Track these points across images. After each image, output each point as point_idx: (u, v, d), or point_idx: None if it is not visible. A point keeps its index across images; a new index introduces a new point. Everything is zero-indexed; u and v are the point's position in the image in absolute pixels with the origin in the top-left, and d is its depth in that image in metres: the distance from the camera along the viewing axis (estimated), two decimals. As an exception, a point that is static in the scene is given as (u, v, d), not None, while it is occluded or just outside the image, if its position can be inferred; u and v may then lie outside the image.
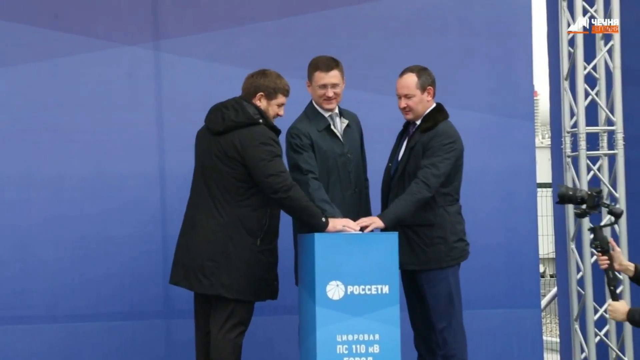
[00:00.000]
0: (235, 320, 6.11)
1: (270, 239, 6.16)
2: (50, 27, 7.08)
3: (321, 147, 6.35)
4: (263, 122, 6.13)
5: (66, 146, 7.03)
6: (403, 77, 6.42)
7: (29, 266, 6.99)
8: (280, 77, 6.26)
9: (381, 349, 6.01)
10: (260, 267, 6.11)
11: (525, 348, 7.49)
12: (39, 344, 6.98)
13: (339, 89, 6.41)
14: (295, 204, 6.05)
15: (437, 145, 6.28)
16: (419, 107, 6.40)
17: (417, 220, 6.31)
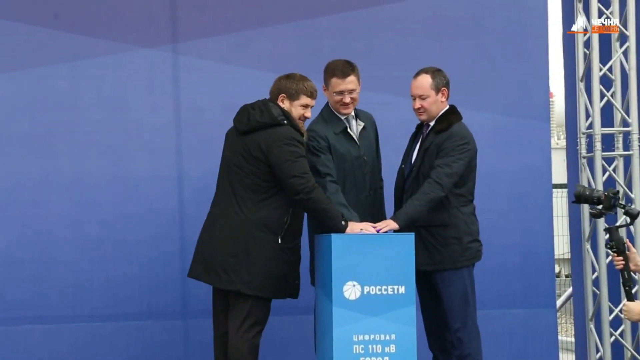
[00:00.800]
0: (253, 319, 6.14)
1: (292, 238, 6.20)
2: (69, 30, 7.12)
3: (338, 149, 6.39)
4: (287, 123, 6.18)
5: (84, 148, 7.07)
6: (417, 78, 6.46)
7: (48, 267, 7.04)
8: (305, 79, 6.31)
9: (397, 349, 6.04)
10: (281, 265, 6.15)
11: (541, 348, 7.50)
12: (58, 344, 7.02)
13: (356, 94, 6.44)
14: (317, 206, 6.11)
15: (450, 146, 6.31)
16: (433, 107, 6.43)
17: (432, 221, 6.35)
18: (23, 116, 7.08)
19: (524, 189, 7.55)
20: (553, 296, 7.65)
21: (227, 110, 6.97)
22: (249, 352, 6.14)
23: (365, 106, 6.71)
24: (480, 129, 7.34)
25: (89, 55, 7.13)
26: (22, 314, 7.00)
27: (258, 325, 6.18)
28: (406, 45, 7.45)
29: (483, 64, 7.55)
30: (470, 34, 7.55)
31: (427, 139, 6.42)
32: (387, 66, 7.39)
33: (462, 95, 7.42)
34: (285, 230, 6.16)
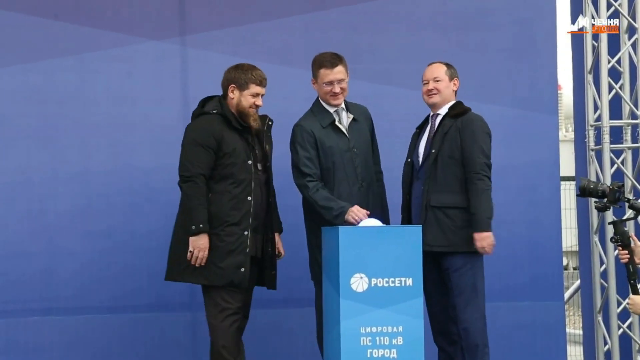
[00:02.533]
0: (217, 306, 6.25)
1: (217, 223, 6.23)
2: (77, 23, 7.14)
3: (325, 143, 6.43)
4: (217, 113, 6.29)
5: (92, 140, 7.09)
6: (433, 65, 6.58)
7: (57, 259, 7.06)
8: (253, 68, 6.38)
9: (405, 341, 6.05)
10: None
11: (549, 340, 7.50)
12: (67, 336, 7.04)
13: (345, 84, 6.49)
14: (183, 197, 6.27)
15: (478, 129, 6.40)
16: (446, 92, 6.50)
17: (449, 202, 6.39)
18: (31, 109, 7.10)
19: (531, 181, 7.54)
20: (561, 289, 7.65)
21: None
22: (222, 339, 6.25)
23: (372, 99, 6.73)
24: (488, 121, 7.30)
25: (97, 48, 7.14)
26: (31, 306, 7.02)
27: (225, 310, 6.24)
28: (414, 39, 7.45)
29: (491, 57, 7.54)
30: (478, 27, 7.54)
31: (444, 124, 6.44)
32: (394, 59, 7.39)
33: (470, 89, 7.43)
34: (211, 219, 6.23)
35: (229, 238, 6.24)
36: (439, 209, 6.38)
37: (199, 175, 6.23)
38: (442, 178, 6.39)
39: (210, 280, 6.23)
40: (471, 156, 6.36)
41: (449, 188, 6.40)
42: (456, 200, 6.39)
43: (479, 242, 6.32)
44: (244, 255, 6.25)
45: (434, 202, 6.38)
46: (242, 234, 6.25)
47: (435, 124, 6.55)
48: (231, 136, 6.29)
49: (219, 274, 6.22)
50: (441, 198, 6.40)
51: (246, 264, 6.24)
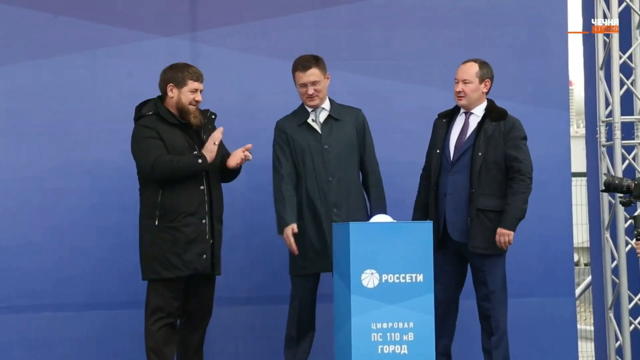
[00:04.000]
0: (150, 307, 6.36)
1: (173, 217, 6.32)
2: (88, 19, 7.15)
3: (296, 140, 6.62)
4: (154, 113, 6.42)
5: (103, 136, 7.10)
6: (466, 64, 6.62)
7: (69, 255, 7.08)
8: (188, 65, 6.52)
9: (416, 337, 6.05)
10: (162, 245, 6.31)
11: (560, 336, 7.49)
12: (78, 331, 7.07)
13: (320, 86, 6.63)
14: (168, 169, 6.31)
15: (519, 136, 6.57)
16: (474, 95, 6.57)
17: (493, 206, 6.52)
18: (42, 105, 7.12)
19: (543, 177, 7.51)
20: (572, 285, 7.64)
21: (245, 99, 6.99)
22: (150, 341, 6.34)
23: (381, 95, 6.74)
24: (499, 117, 7.33)
25: (108, 44, 7.16)
26: (43, 302, 7.05)
27: (156, 313, 6.33)
28: (424, 35, 7.45)
29: (502, 53, 7.52)
30: (489, 22, 7.53)
31: (485, 126, 6.53)
32: (404, 56, 7.38)
33: (481, 84, 7.42)
34: (160, 211, 6.31)
35: (187, 228, 6.32)
36: (483, 212, 6.51)
37: (159, 156, 6.34)
38: (486, 181, 6.52)
39: (174, 272, 6.31)
40: (520, 160, 6.53)
41: (493, 192, 6.54)
42: (498, 205, 6.53)
43: (499, 237, 6.47)
44: (204, 243, 6.35)
45: (480, 205, 6.50)
46: (200, 223, 6.33)
47: (470, 122, 6.62)
48: (170, 132, 6.41)
49: (182, 265, 6.31)
50: (487, 202, 6.53)
51: (207, 251, 6.36)
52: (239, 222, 7.08)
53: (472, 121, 6.61)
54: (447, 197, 6.55)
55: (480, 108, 6.62)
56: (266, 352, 7.14)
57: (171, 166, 6.31)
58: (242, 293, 7.24)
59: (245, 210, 7.16)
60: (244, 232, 7.17)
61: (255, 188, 7.10)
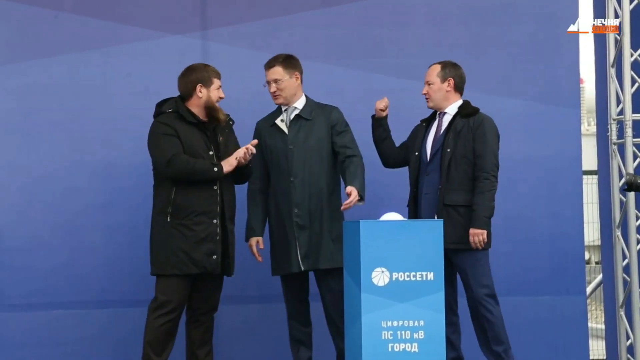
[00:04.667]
0: (157, 301, 6.39)
1: (185, 214, 6.37)
2: (99, 17, 7.17)
3: (266, 140, 6.72)
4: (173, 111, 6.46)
5: (114, 135, 7.12)
6: (430, 67, 6.73)
7: (80, 253, 7.10)
8: (207, 65, 6.60)
9: (426, 335, 6.05)
10: (173, 241, 6.35)
11: (571, 335, 7.48)
12: (89, 329, 7.09)
13: (283, 84, 6.67)
14: (183, 170, 6.34)
15: (489, 131, 6.56)
16: (437, 95, 6.65)
17: (462, 201, 6.53)
18: (54, 103, 7.14)
19: (554, 175, 7.52)
20: (583, 283, 7.63)
21: (256, 97, 7.00)
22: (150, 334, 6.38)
23: (392, 93, 6.75)
24: (510, 115, 7.34)
25: (119, 42, 7.18)
26: (53, 299, 7.07)
27: (161, 308, 6.36)
28: (434, 33, 7.44)
29: (512, 50, 7.52)
30: (499, 20, 7.52)
31: (455, 123, 6.57)
32: (415, 53, 7.37)
33: (492, 82, 7.43)
34: (173, 208, 6.34)
35: (198, 227, 6.34)
36: (453, 207, 6.52)
37: (175, 154, 6.37)
38: (455, 177, 6.55)
39: (181, 269, 6.34)
40: (483, 156, 6.53)
41: (462, 187, 6.55)
42: (468, 199, 6.53)
43: (472, 237, 6.50)
44: (214, 243, 6.38)
45: (448, 201, 6.52)
46: (211, 223, 6.36)
47: (443, 121, 6.68)
48: (188, 131, 6.43)
49: (191, 263, 6.34)
50: (455, 197, 6.54)
51: (217, 251, 6.39)
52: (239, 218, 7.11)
53: (445, 121, 6.69)
54: (423, 196, 6.61)
55: (453, 107, 6.69)
56: (277, 351, 7.14)
57: (186, 167, 6.34)
58: (252, 291, 7.25)
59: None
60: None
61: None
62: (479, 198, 6.50)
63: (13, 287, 7.03)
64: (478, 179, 6.53)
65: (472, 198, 6.52)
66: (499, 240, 6.73)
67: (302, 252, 6.60)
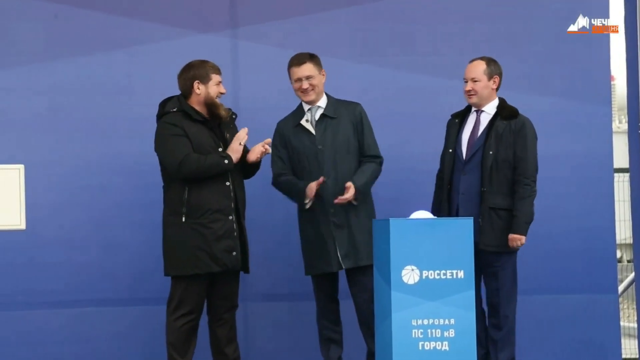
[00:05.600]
0: (174, 302, 6.41)
1: (199, 213, 6.35)
2: (128, 16, 7.19)
3: (291, 141, 6.69)
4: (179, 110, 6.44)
5: (142, 133, 7.12)
6: (473, 62, 6.68)
7: (111, 250, 7.13)
8: (204, 61, 6.54)
9: (457, 334, 6.03)
10: (190, 240, 6.34)
11: (603, 333, 7.45)
12: (120, 326, 7.12)
13: (315, 81, 6.66)
14: (195, 168, 6.32)
15: (530, 137, 6.60)
16: (484, 92, 6.63)
17: (503, 205, 6.56)
18: (83, 101, 7.18)
19: (585, 173, 7.49)
20: (615, 281, 7.59)
21: (285, 95, 7.00)
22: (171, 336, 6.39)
23: (418, 90, 6.75)
24: (541, 112, 7.30)
25: (148, 41, 7.20)
26: (86, 297, 7.10)
27: (180, 309, 6.36)
28: (462, 29, 7.42)
29: (543, 47, 7.48)
30: (529, 17, 7.49)
31: (496, 125, 6.59)
32: (442, 50, 7.36)
33: (523, 79, 7.40)
34: (187, 208, 6.32)
35: (215, 225, 6.34)
36: (495, 211, 6.55)
37: (187, 155, 6.36)
38: (496, 180, 6.57)
39: (203, 268, 6.34)
40: (524, 161, 6.58)
41: (503, 190, 6.59)
42: (509, 203, 6.57)
43: (512, 242, 6.55)
44: (233, 240, 6.38)
45: (492, 204, 6.55)
46: (227, 219, 6.35)
47: (481, 120, 6.66)
48: (195, 129, 6.43)
49: (211, 261, 6.35)
50: (498, 200, 6.57)
51: (237, 248, 6.40)
52: (270, 216, 7.11)
53: (483, 119, 6.67)
54: (460, 196, 6.59)
55: (492, 106, 6.67)
56: (306, 349, 7.14)
57: (198, 165, 6.34)
58: (282, 289, 7.25)
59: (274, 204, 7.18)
60: (278, 226, 7.19)
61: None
62: (520, 204, 6.53)
63: (44, 284, 7.07)
64: (519, 184, 6.55)
65: (511, 202, 6.55)
66: (530, 238, 6.71)
67: (342, 251, 6.59)
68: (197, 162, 6.34)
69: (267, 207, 7.14)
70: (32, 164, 6.52)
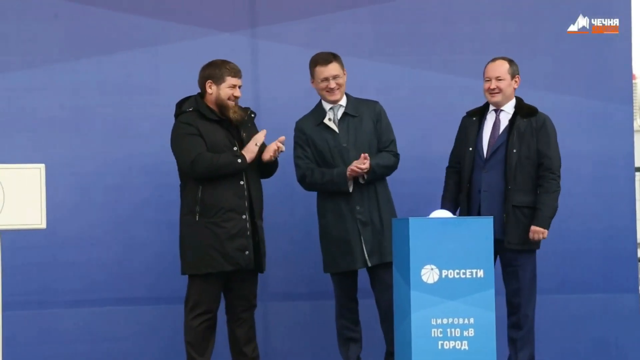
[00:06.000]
0: (190, 302, 6.43)
1: (213, 212, 6.36)
2: (148, 16, 7.21)
3: (315, 140, 6.68)
4: (194, 109, 6.44)
5: (163, 133, 7.13)
6: (495, 62, 6.68)
7: (131, 249, 7.16)
8: (226, 62, 6.51)
9: (476, 333, 6.02)
10: (204, 239, 6.35)
11: (624, 332, 7.42)
12: (139, 325, 7.14)
13: (341, 80, 6.66)
14: (208, 167, 6.33)
15: (551, 133, 6.62)
16: (508, 90, 6.64)
17: (527, 202, 6.58)
18: (105, 100, 7.20)
19: (605, 172, 7.46)
20: (635, 281, 7.56)
21: (305, 95, 7.00)
22: (189, 335, 6.41)
23: (439, 89, 6.73)
24: (561, 111, 7.29)
25: (169, 41, 7.21)
26: (105, 295, 7.12)
27: (196, 309, 6.39)
28: (483, 28, 7.40)
29: (564, 45, 7.46)
30: (548, 15, 7.47)
31: (518, 123, 6.61)
32: (463, 49, 7.34)
33: (544, 78, 7.38)
34: (201, 207, 6.33)
35: (228, 224, 6.35)
36: (519, 208, 6.57)
37: (199, 154, 6.37)
38: (520, 178, 6.58)
39: (215, 267, 6.35)
40: (549, 157, 6.60)
41: (527, 188, 6.60)
42: (532, 201, 6.59)
43: (534, 234, 6.55)
44: (246, 239, 6.39)
45: (516, 202, 6.56)
46: (240, 219, 6.36)
47: (501, 119, 6.68)
48: (210, 129, 6.43)
49: (224, 260, 6.36)
50: (521, 198, 6.58)
51: (249, 247, 6.39)
52: (289, 215, 7.11)
53: (503, 118, 6.69)
54: (482, 194, 6.59)
55: (510, 105, 6.70)
56: (325, 348, 7.14)
57: (211, 164, 6.35)
58: (302, 289, 7.26)
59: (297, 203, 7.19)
60: (297, 225, 7.20)
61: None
62: (545, 197, 6.54)
63: (64, 283, 7.09)
64: (544, 179, 6.56)
65: (534, 199, 6.56)
66: (550, 237, 6.69)
67: (368, 248, 6.60)
68: (209, 161, 6.35)
69: (286, 206, 7.15)
70: (53, 163, 6.53)
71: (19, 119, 7.13)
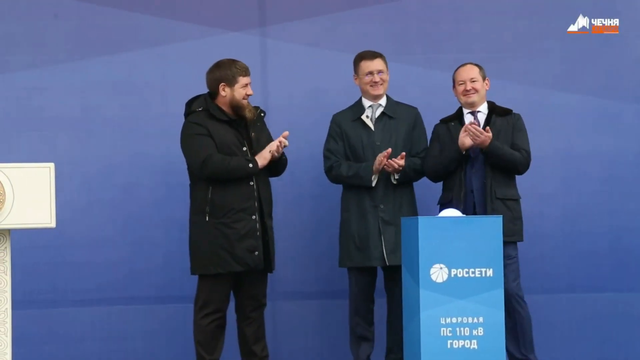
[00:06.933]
0: (200, 302, 6.45)
1: (223, 213, 6.38)
2: (157, 15, 7.22)
3: (349, 135, 6.73)
4: (204, 109, 6.45)
5: (172, 132, 7.14)
6: (466, 66, 6.81)
7: (139, 249, 7.16)
8: (234, 61, 6.52)
9: (485, 332, 6.01)
10: (213, 240, 6.37)
11: (633, 332, 7.41)
12: (150, 324, 7.15)
13: (385, 76, 6.73)
14: (220, 169, 6.34)
15: (525, 131, 6.75)
16: (482, 91, 6.80)
17: (510, 195, 6.65)
18: (114, 100, 7.21)
19: (616, 171, 7.45)
20: (646, 280, 7.56)
21: (315, 94, 7.01)
22: (198, 334, 6.44)
23: (450, 89, 6.71)
24: (572, 110, 7.29)
25: (178, 40, 7.22)
26: (115, 295, 7.13)
27: (205, 308, 6.40)
28: (494, 27, 7.40)
29: (574, 45, 7.45)
30: (560, 14, 7.46)
31: (495, 122, 6.73)
32: (473, 48, 7.34)
33: (554, 77, 7.38)
34: (211, 207, 6.34)
35: (237, 224, 6.35)
36: (502, 201, 6.61)
37: (210, 155, 6.38)
38: (499, 173, 6.66)
39: (225, 267, 6.36)
40: (526, 150, 6.72)
41: (508, 182, 6.68)
42: (514, 193, 6.67)
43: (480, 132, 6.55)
44: (255, 239, 6.39)
45: (500, 195, 6.63)
46: (250, 219, 6.37)
47: (479, 119, 6.77)
48: (219, 129, 6.44)
49: (233, 260, 6.36)
50: (504, 191, 6.65)
51: (259, 247, 6.40)
52: (298, 214, 7.12)
53: (480, 119, 6.79)
54: (475, 192, 6.66)
55: (484, 106, 6.82)
56: (335, 347, 7.15)
57: (222, 166, 6.36)
58: (312, 287, 7.26)
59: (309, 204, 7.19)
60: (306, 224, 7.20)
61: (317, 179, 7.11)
62: (511, 149, 6.63)
63: (74, 283, 7.11)
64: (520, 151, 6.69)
65: (515, 191, 6.67)
66: (560, 235, 6.68)
67: (388, 247, 6.61)
68: (221, 163, 6.36)
69: (296, 205, 7.16)
70: (63, 162, 6.56)
71: (28, 119, 7.14)
